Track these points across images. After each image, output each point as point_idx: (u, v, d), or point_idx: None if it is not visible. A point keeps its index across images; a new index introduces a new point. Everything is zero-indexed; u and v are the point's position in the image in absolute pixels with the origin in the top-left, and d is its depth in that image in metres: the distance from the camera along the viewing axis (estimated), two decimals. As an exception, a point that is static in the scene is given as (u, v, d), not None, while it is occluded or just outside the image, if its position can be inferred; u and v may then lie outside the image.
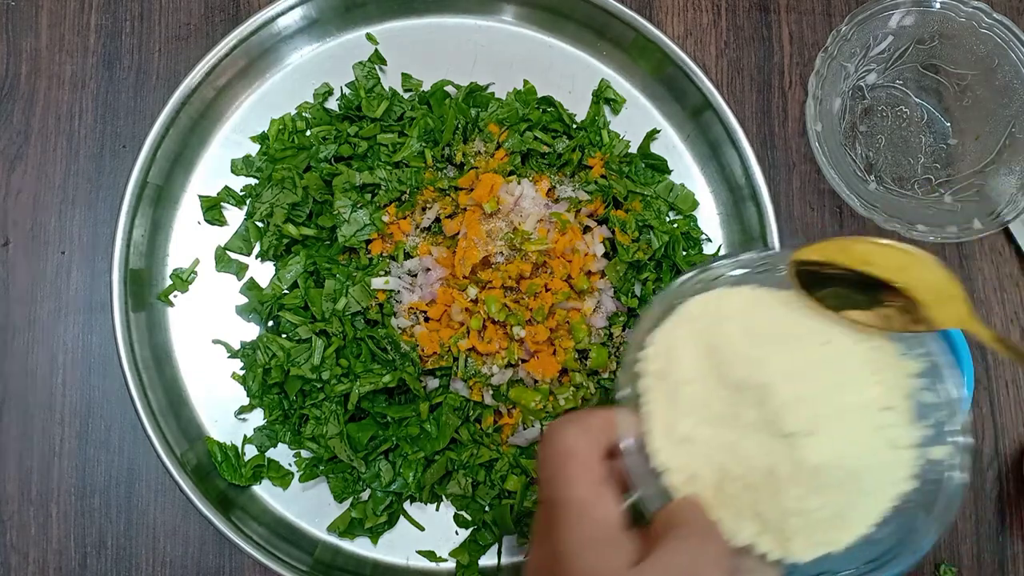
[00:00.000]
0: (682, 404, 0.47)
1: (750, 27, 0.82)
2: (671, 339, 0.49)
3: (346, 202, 0.71)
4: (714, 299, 0.51)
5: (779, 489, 0.44)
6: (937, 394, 0.49)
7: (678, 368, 0.48)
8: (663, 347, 0.49)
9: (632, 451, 0.47)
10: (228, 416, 0.72)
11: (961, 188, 0.78)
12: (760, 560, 0.46)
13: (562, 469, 0.44)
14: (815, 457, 0.44)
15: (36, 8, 0.78)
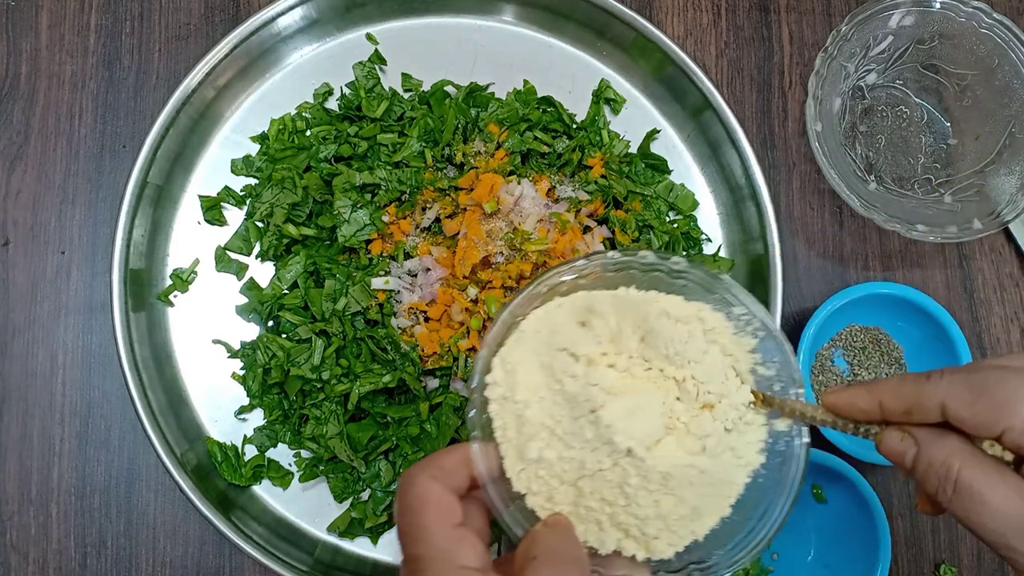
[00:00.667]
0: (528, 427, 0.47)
1: (750, 27, 0.82)
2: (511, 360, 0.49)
3: (346, 202, 0.71)
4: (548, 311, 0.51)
5: (632, 498, 0.45)
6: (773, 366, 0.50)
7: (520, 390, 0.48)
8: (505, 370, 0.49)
9: (490, 481, 0.47)
10: (228, 416, 0.72)
11: (961, 188, 0.78)
12: (630, 561, 0.46)
13: (417, 520, 0.43)
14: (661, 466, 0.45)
15: (36, 8, 0.78)
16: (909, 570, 0.76)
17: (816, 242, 0.80)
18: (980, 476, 0.39)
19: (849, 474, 0.68)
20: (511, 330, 0.51)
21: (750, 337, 0.50)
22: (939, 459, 0.41)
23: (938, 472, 0.41)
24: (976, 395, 0.40)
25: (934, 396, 0.41)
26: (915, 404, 0.42)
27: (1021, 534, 0.38)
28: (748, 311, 0.50)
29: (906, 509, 0.76)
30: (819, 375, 0.75)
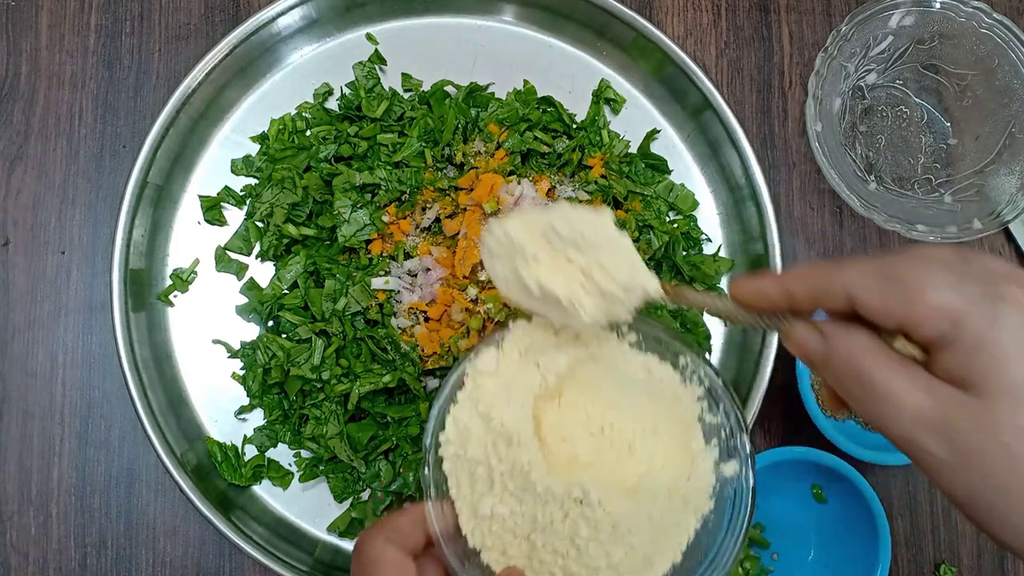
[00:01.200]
0: (480, 483, 0.49)
1: (750, 27, 0.82)
2: (462, 418, 0.51)
3: (346, 202, 0.71)
4: (489, 364, 0.52)
5: (584, 550, 0.46)
6: (718, 412, 0.52)
7: (472, 447, 0.49)
8: (457, 428, 0.50)
9: (445, 539, 0.49)
10: (228, 416, 0.72)
11: (961, 188, 0.78)
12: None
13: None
14: (610, 517, 0.46)
15: (36, 8, 0.78)
16: (909, 570, 0.76)
17: (816, 242, 0.80)
18: (888, 373, 0.37)
19: (849, 474, 0.68)
20: (463, 386, 0.52)
21: (696, 385, 0.53)
22: (846, 354, 0.39)
23: (846, 368, 0.39)
24: (883, 281, 0.38)
25: (842, 283, 0.39)
26: (824, 290, 0.40)
27: (930, 433, 0.36)
28: (692, 361, 0.53)
29: (906, 509, 0.76)
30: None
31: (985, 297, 0.35)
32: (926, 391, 0.36)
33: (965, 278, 0.36)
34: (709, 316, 0.70)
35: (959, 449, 0.35)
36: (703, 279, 0.74)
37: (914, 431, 0.36)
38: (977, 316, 0.35)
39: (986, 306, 0.35)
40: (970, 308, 0.35)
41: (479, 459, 0.49)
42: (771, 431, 0.76)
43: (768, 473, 0.69)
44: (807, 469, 0.71)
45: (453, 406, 0.51)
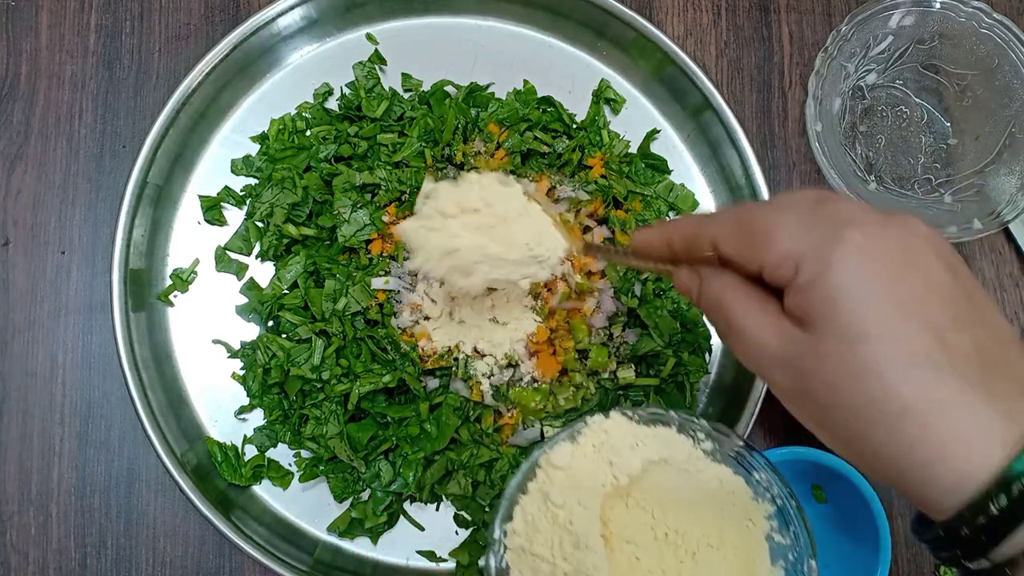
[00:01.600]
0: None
1: (750, 27, 0.82)
2: (530, 511, 0.51)
3: (346, 202, 0.71)
4: (563, 459, 0.53)
5: None
6: (787, 534, 0.52)
7: (538, 545, 0.50)
8: (525, 520, 0.51)
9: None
10: (228, 416, 0.72)
11: (961, 188, 0.78)
12: None
13: None
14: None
15: (36, 8, 0.78)
16: (909, 570, 0.75)
17: (816, 242, 0.80)
18: (744, 312, 0.41)
19: (849, 474, 0.68)
20: (534, 477, 0.52)
21: (768, 503, 0.53)
22: (714, 294, 0.43)
23: (713, 306, 0.43)
24: (739, 230, 0.41)
25: (707, 232, 0.43)
26: (693, 241, 0.44)
27: (773, 363, 0.40)
28: (767, 478, 0.53)
29: (906, 509, 0.76)
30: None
31: (825, 240, 0.38)
32: (774, 328, 0.40)
33: (811, 225, 0.39)
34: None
35: (798, 379, 0.39)
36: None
37: (764, 363, 0.41)
38: (814, 259, 0.38)
39: (824, 249, 0.38)
40: (808, 251, 0.38)
41: (544, 556, 0.49)
42: (771, 431, 0.76)
43: (768, 473, 0.69)
44: (807, 469, 0.71)
45: (522, 496, 0.52)
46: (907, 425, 0.36)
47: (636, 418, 0.54)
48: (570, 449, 0.52)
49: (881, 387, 0.36)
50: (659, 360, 0.72)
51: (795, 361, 0.39)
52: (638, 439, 0.53)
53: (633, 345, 0.71)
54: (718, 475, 0.53)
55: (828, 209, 0.39)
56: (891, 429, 0.36)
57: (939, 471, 0.35)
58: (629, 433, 0.53)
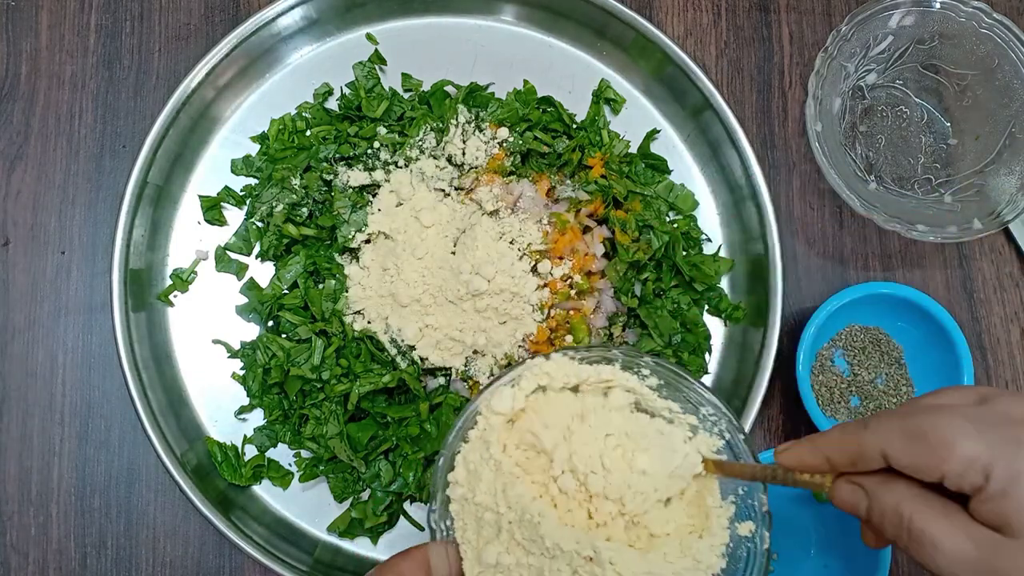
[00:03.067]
0: (487, 529, 0.48)
1: (750, 27, 0.82)
2: (472, 459, 0.50)
3: (346, 202, 0.71)
4: (504, 405, 0.51)
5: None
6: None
7: (481, 493, 0.49)
8: (467, 469, 0.50)
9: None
10: (228, 416, 0.72)
11: (961, 188, 0.78)
12: None
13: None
14: (625, 573, 0.45)
15: (36, 8, 0.78)
16: (909, 570, 0.75)
17: (816, 242, 0.80)
18: (931, 522, 0.41)
19: (849, 474, 0.68)
20: (473, 425, 0.51)
21: (716, 438, 0.52)
22: (890, 507, 0.42)
23: (891, 520, 0.42)
24: (911, 441, 0.41)
25: (874, 446, 0.42)
26: (858, 456, 0.43)
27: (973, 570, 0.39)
28: (715, 412, 0.52)
29: (906, 509, 0.76)
30: (819, 375, 0.75)
31: (1007, 443, 0.38)
32: (966, 535, 0.39)
33: (986, 426, 0.39)
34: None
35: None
36: (703, 279, 0.73)
37: (957, 572, 0.40)
38: (1003, 463, 0.38)
39: (1011, 453, 0.38)
40: (995, 457, 0.38)
41: (487, 504, 0.48)
42: (771, 431, 0.76)
43: (768, 473, 0.69)
44: (807, 469, 0.71)
45: (463, 445, 0.51)
46: None
47: (578, 358, 0.53)
48: (511, 394, 0.51)
49: None
50: (659, 360, 0.72)
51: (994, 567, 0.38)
52: (580, 379, 0.52)
53: (633, 345, 0.71)
54: (668, 408, 0.52)
55: (999, 407, 0.40)
56: None
57: None
58: (572, 374, 0.52)
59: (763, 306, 0.72)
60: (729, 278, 0.76)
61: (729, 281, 0.76)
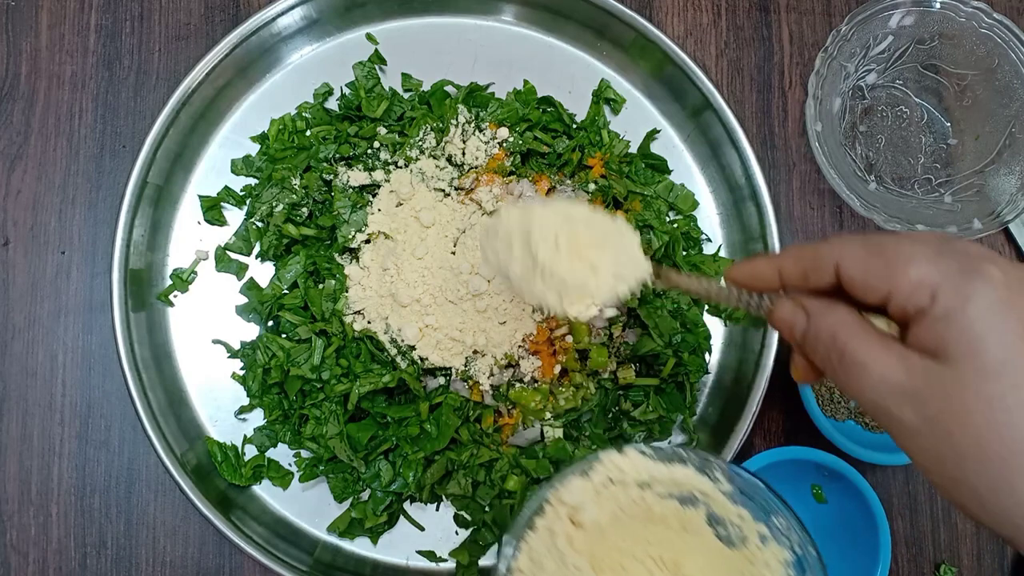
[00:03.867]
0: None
1: (750, 27, 0.82)
2: (538, 548, 0.50)
3: (346, 202, 0.71)
4: (574, 497, 0.51)
5: None
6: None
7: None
8: (530, 558, 0.50)
9: None
10: (228, 416, 0.72)
11: (961, 188, 0.78)
12: None
13: None
14: None
15: (36, 8, 0.78)
16: (909, 570, 0.76)
17: (816, 242, 0.80)
18: (863, 345, 0.40)
19: (849, 474, 0.68)
20: (541, 512, 0.51)
21: (787, 550, 0.52)
22: (827, 328, 0.42)
23: (825, 342, 0.42)
24: (868, 254, 0.40)
25: (830, 256, 0.42)
26: (812, 265, 0.43)
27: (901, 400, 0.38)
28: (787, 523, 0.52)
29: (906, 509, 0.76)
30: (819, 375, 0.75)
31: (962, 272, 0.37)
32: (899, 360, 0.39)
33: (945, 255, 0.38)
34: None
35: (926, 416, 0.37)
36: (703, 279, 0.74)
37: (886, 398, 0.39)
38: (952, 289, 0.37)
39: (962, 280, 0.37)
40: (946, 281, 0.37)
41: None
42: (771, 431, 0.76)
43: (768, 473, 0.69)
44: (807, 469, 0.71)
45: (529, 533, 0.51)
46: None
47: (651, 455, 0.53)
48: (581, 485, 0.51)
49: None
50: (659, 360, 0.72)
51: (923, 395, 0.37)
52: (653, 476, 0.52)
53: (633, 345, 0.71)
54: (739, 514, 0.53)
55: (958, 245, 0.39)
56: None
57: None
58: (644, 470, 0.52)
59: (763, 306, 0.72)
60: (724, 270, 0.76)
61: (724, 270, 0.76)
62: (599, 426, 0.71)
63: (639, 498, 0.53)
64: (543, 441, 0.70)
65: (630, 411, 0.72)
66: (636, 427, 0.72)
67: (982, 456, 0.36)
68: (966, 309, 0.37)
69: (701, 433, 0.73)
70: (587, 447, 0.71)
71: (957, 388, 0.36)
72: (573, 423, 0.71)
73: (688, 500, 0.54)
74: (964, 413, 0.36)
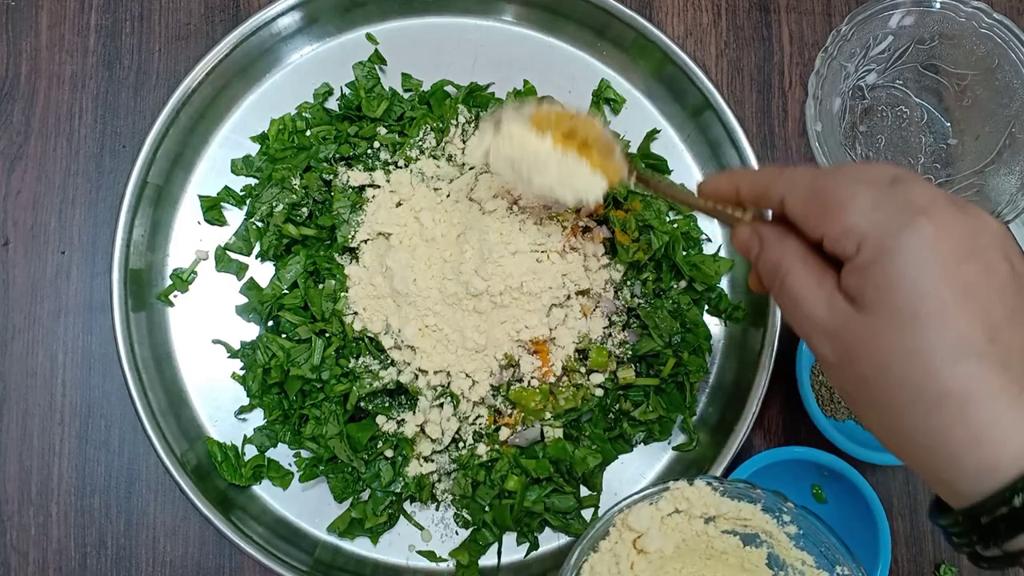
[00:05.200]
0: None
1: (750, 27, 0.82)
2: (600, 571, 0.51)
3: (346, 202, 0.71)
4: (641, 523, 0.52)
5: None
6: None
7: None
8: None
9: None
10: (228, 416, 0.72)
11: (961, 188, 0.78)
12: None
13: None
14: None
15: (36, 8, 0.78)
16: (909, 570, 0.76)
17: (816, 242, 0.80)
18: (801, 280, 0.42)
19: (849, 474, 0.68)
20: (605, 535, 0.52)
21: None
22: (774, 259, 0.44)
23: (770, 271, 0.45)
24: (810, 194, 0.42)
25: (777, 189, 0.44)
26: (762, 193, 0.45)
27: (821, 334, 0.41)
28: (852, 573, 0.52)
29: (906, 509, 0.76)
30: (819, 375, 0.75)
31: (893, 224, 0.38)
32: (827, 300, 0.41)
33: (883, 205, 0.39)
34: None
35: (842, 354, 0.40)
36: (703, 279, 0.73)
37: (811, 332, 0.42)
38: (876, 241, 0.38)
39: (890, 233, 0.38)
40: (872, 231, 0.39)
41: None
42: (771, 431, 0.76)
43: (768, 473, 0.69)
44: (807, 469, 0.71)
45: (592, 555, 0.51)
46: (945, 410, 0.36)
47: (721, 489, 0.53)
48: (648, 512, 0.51)
49: (924, 370, 0.37)
50: (659, 360, 0.72)
51: (843, 335, 0.40)
52: (720, 511, 0.53)
53: (633, 345, 0.71)
54: (803, 558, 0.53)
55: (903, 191, 0.39)
56: (928, 412, 0.37)
57: (967, 458, 0.36)
58: (712, 504, 0.53)
59: (763, 306, 0.72)
60: (729, 278, 0.76)
61: (729, 281, 0.76)
62: (599, 426, 0.71)
63: (702, 531, 0.53)
64: (543, 441, 0.70)
65: (630, 411, 0.72)
66: (636, 427, 0.72)
67: (885, 393, 0.39)
68: (886, 262, 0.38)
69: (701, 433, 0.73)
70: (587, 447, 0.71)
71: (867, 334, 0.39)
72: (573, 423, 0.71)
73: (751, 539, 0.54)
74: (871, 358, 0.39)
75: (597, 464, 0.70)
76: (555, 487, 0.70)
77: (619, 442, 0.73)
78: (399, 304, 0.68)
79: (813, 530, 0.53)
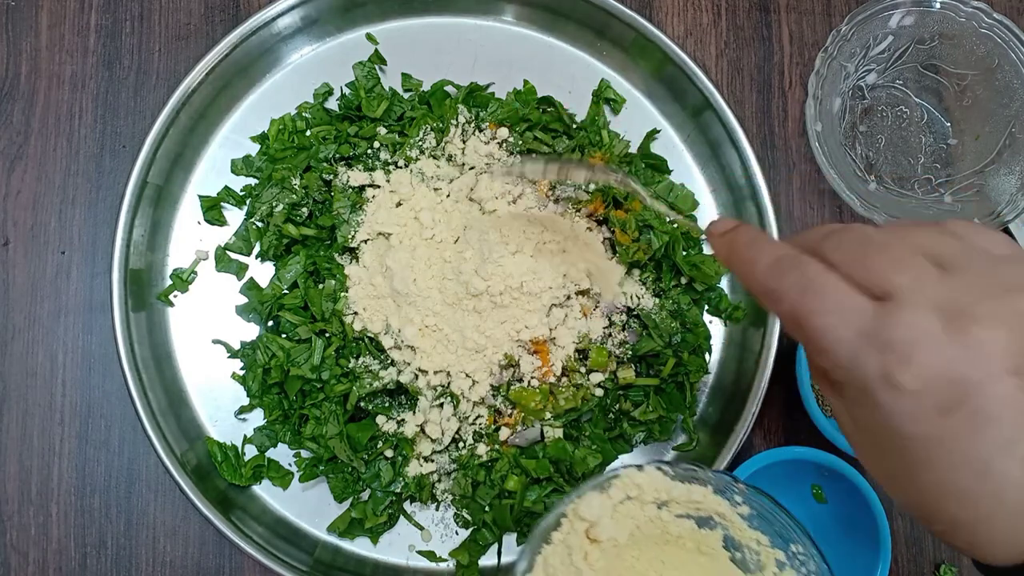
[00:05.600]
0: None
1: (750, 27, 0.82)
2: (553, 563, 0.50)
3: (346, 202, 0.71)
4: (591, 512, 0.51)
5: None
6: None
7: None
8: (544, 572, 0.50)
9: None
10: (228, 416, 0.72)
11: (961, 188, 0.78)
12: None
13: None
14: None
15: (36, 8, 0.78)
16: (909, 570, 0.75)
17: (816, 242, 0.79)
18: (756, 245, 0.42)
19: (849, 474, 0.68)
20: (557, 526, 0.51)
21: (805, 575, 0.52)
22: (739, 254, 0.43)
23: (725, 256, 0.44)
24: (797, 314, 0.39)
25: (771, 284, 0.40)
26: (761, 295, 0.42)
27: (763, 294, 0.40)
28: (806, 551, 0.52)
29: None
30: (819, 375, 0.75)
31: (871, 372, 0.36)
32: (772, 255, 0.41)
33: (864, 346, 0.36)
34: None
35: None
36: (703, 279, 0.73)
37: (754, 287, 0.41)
38: (860, 385, 0.37)
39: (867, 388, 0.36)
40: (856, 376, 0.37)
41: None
42: (771, 431, 0.76)
43: (768, 473, 0.69)
44: (807, 469, 0.71)
45: (545, 546, 0.50)
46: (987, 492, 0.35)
47: (671, 474, 0.53)
48: (599, 501, 0.51)
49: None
50: (659, 360, 0.72)
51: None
52: (671, 496, 0.52)
53: (633, 345, 0.71)
54: (757, 540, 0.53)
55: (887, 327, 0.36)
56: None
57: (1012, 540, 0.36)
58: (663, 489, 0.52)
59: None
60: (729, 278, 0.76)
61: (729, 281, 0.76)
62: (599, 426, 0.71)
63: (656, 517, 0.53)
64: (543, 441, 0.70)
65: (630, 411, 0.72)
66: (636, 427, 0.72)
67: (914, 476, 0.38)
68: (871, 410, 0.36)
69: (701, 433, 0.73)
70: (587, 447, 0.71)
71: None
72: (573, 423, 0.71)
73: (705, 521, 0.54)
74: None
75: (597, 464, 0.70)
76: (555, 487, 0.70)
77: (619, 442, 0.73)
78: (399, 304, 0.68)
79: (766, 510, 0.53)
